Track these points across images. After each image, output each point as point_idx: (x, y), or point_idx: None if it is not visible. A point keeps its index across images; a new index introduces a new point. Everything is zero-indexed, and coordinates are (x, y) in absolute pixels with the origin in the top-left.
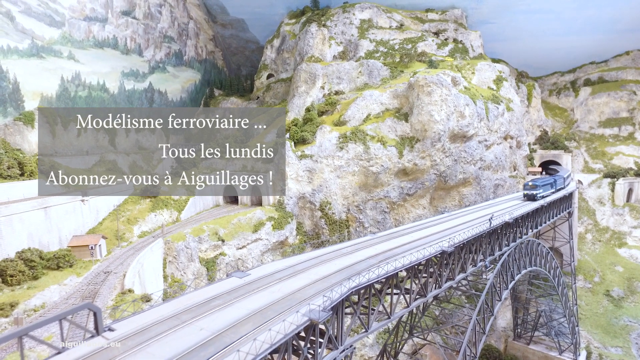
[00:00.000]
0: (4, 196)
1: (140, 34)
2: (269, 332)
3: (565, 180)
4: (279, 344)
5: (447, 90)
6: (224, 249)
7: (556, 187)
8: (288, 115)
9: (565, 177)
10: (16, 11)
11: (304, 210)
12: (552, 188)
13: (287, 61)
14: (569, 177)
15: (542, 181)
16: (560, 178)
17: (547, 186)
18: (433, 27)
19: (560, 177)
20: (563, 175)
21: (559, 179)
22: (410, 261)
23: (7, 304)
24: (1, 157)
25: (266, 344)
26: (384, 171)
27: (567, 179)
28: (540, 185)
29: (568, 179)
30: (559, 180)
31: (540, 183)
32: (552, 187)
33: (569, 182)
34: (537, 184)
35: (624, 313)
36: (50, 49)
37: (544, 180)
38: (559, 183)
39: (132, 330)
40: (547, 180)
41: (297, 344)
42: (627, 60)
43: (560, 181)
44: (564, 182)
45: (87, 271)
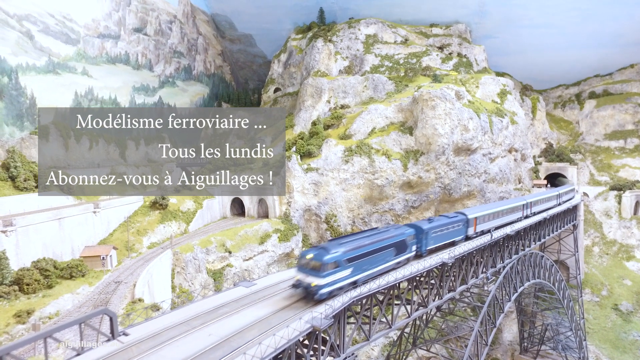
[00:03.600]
0: (20, 207)
1: (151, 49)
2: (274, 337)
3: (466, 224)
4: (283, 349)
5: (451, 104)
6: (231, 260)
7: (410, 251)
8: (294, 128)
9: (464, 222)
10: (35, 30)
11: (309, 222)
12: (398, 255)
13: (294, 75)
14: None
15: (340, 246)
16: (460, 221)
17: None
18: (437, 41)
19: (462, 219)
20: (465, 216)
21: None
22: (411, 272)
23: (24, 311)
24: (18, 170)
25: (270, 348)
26: (389, 184)
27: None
28: (338, 258)
29: (466, 227)
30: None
31: (333, 254)
32: (405, 250)
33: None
34: (326, 258)
35: (633, 327)
36: (66, 65)
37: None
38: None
39: (145, 335)
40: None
41: (300, 352)
42: (631, 73)
43: (463, 229)
44: (465, 229)
45: (99, 281)
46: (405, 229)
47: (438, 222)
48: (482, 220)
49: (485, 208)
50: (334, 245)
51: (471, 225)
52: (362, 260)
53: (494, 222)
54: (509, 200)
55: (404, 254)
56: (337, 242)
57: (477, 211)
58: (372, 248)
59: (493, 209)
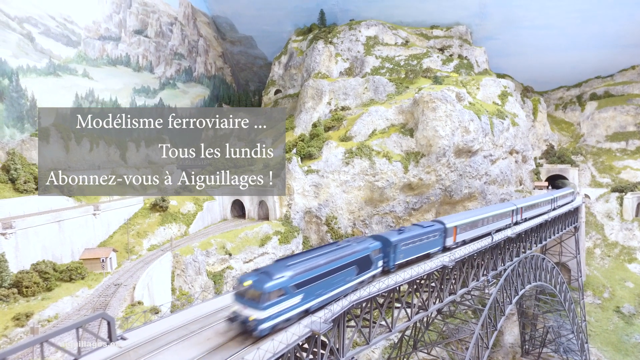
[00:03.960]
0: (20, 210)
1: (152, 51)
2: (272, 342)
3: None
4: (282, 353)
5: (452, 105)
6: (231, 262)
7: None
8: (295, 130)
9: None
10: (36, 32)
11: (310, 224)
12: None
13: (295, 77)
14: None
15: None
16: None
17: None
18: (438, 43)
19: (439, 229)
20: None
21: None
22: (411, 275)
23: (23, 314)
24: (18, 172)
25: (269, 353)
26: (390, 186)
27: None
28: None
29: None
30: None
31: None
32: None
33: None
34: (267, 285)
35: (635, 330)
36: (66, 67)
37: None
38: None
39: (143, 339)
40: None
41: (300, 355)
42: (633, 74)
43: (440, 240)
44: (442, 239)
45: (98, 283)
46: (370, 242)
47: (409, 232)
48: (464, 228)
49: (467, 215)
50: (280, 267)
51: (450, 235)
52: (316, 284)
53: (479, 230)
54: (497, 206)
55: (367, 271)
56: (284, 263)
57: (457, 219)
58: (329, 268)
59: (477, 216)
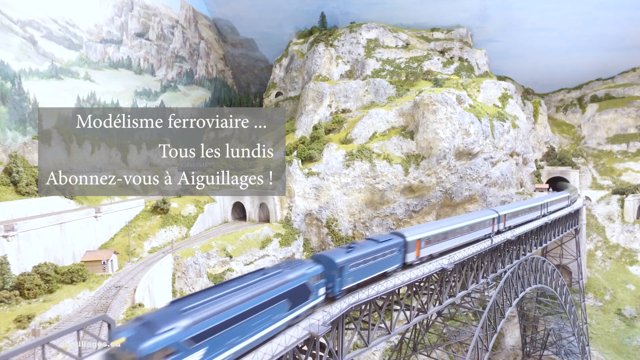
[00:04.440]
0: (22, 212)
1: (153, 54)
2: (271, 344)
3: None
4: (280, 355)
5: (452, 108)
6: (232, 264)
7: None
8: (296, 133)
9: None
10: (38, 36)
11: (310, 227)
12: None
13: (296, 80)
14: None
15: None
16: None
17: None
18: (439, 45)
19: (398, 243)
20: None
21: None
22: (410, 278)
23: (25, 316)
24: (20, 175)
25: (267, 355)
26: (390, 188)
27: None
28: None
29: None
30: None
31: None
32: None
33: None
34: (145, 345)
35: (637, 333)
36: (68, 70)
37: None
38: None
39: None
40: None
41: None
42: (633, 76)
43: (399, 255)
44: (402, 254)
45: (99, 285)
46: (308, 266)
47: (360, 250)
48: (430, 241)
49: (436, 226)
50: (171, 315)
51: (411, 250)
52: (227, 331)
53: (450, 243)
54: (475, 214)
55: (304, 303)
56: (179, 307)
57: (422, 230)
58: (247, 307)
59: (447, 226)
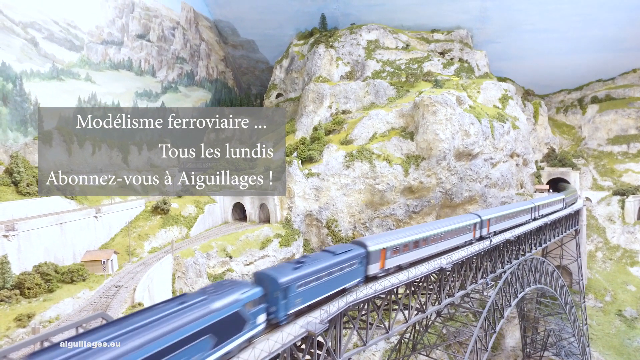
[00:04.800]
0: (23, 212)
1: (154, 55)
2: (267, 341)
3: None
4: (277, 353)
5: (452, 109)
6: (232, 265)
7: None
8: (296, 134)
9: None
10: (40, 37)
11: (310, 227)
12: None
13: (296, 81)
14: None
15: None
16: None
17: None
18: (439, 47)
19: (359, 254)
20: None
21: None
22: (408, 277)
23: (25, 315)
24: (21, 175)
25: (264, 352)
26: (390, 189)
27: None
28: None
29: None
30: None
31: None
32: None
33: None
34: None
35: (637, 334)
36: (69, 72)
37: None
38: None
39: None
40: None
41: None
42: (634, 77)
43: (360, 268)
44: (364, 267)
45: (99, 285)
46: (244, 289)
47: (312, 265)
48: (398, 250)
49: (405, 233)
50: None
51: (375, 261)
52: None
53: (423, 251)
54: (454, 219)
55: (236, 337)
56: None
57: (388, 239)
58: (158, 347)
59: (418, 233)
